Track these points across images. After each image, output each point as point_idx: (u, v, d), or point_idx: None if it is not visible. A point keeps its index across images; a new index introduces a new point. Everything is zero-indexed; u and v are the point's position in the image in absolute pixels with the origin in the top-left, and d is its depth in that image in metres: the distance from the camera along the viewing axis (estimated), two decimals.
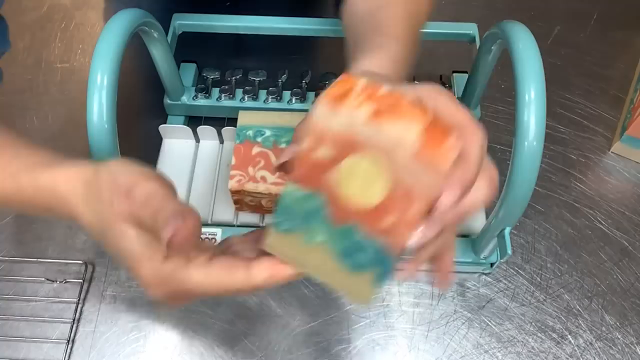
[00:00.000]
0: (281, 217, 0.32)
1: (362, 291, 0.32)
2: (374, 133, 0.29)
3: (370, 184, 0.29)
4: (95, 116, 0.45)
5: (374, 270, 0.31)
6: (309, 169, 0.30)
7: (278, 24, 0.67)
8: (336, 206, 0.30)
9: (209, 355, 0.57)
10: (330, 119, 0.29)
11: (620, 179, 0.68)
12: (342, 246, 0.31)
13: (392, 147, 0.28)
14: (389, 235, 0.30)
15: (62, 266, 0.61)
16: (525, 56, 0.44)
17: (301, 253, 0.32)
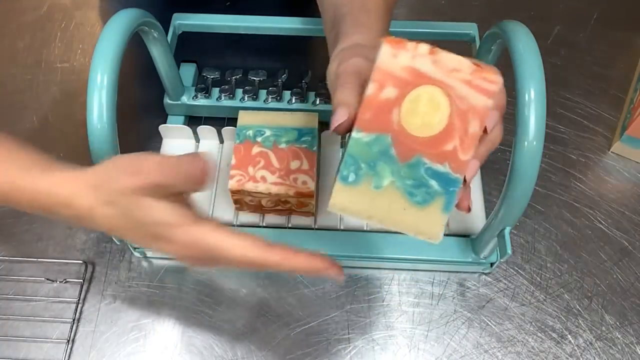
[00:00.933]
0: (347, 168, 0.34)
1: (432, 225, 0.34)
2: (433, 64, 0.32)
3: (432, 114, 0.32)
4: (95, 116, 0.45)
5: (441, 199, 0.33)
6: (374, 112, 0.33)
7: (278, 24, 0.67)
8: (401, 142, 0.33)
9: (209, 355, 0.57)
10: (393, 59, 0.32)
11: (620, 179, 0.68)
12: (411, 181, 0.33)
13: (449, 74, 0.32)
14: (452, 159, 0.33)
15: (62, 266, 0.61)
16: (525, 56, 0.44)
17: (369, 202, 0.34)
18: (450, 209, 0.34)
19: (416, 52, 0.32)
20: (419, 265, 0.61)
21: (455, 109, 0.32)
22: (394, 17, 0.80)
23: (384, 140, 0.33)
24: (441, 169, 0.33)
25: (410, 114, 0.33)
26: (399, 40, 0.32)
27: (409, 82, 0.32)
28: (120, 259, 0.62)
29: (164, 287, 0.60)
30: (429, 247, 0.59)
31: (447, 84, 0.32)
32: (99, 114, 0.45)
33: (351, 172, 0.34)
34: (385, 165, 0.34)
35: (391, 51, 0.32)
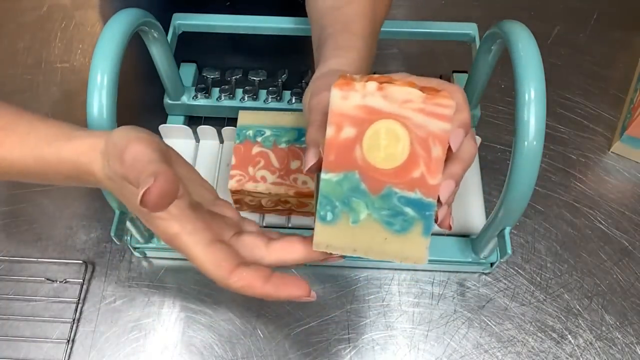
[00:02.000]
0: (324, 209, 0.35)
1: (415, 250, 0.35)
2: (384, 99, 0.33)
3: (393, 145, 0.34)
4: (95, 116, 0.45)
5: (419, 223, 0.34)
6: (337, 153, 0.34)
7: (278, 24, 0.67)
8: (370, 176, 0.34)
9: (209, 355, 0.57)
10: (345, 101, 0.33)
11: (620, 179, 0.68)
12: (386, 211, 0.35)
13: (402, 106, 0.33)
14: (422, 185, 0.34)
15: (62, 266, 0.61)
16: (525, 56, 0.44)
17: (351, 237, 0.35)
18: (429, 233, 0.35)
19: (365, 90, 0.33)
20: (419, 265, 0.61)
21: (415, 138, 0.33)
22: (394, 17, 0.81)
23: (352, 177, 0.34)
24: (413, 196, 0.34)
25: (372, 149, 0.34)
26: (348, 82, 0.33)
27: (364, 120, 0.33)
28: (120, 259, 0.62)
29: (164, 287, 0.60)
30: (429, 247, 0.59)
31: (402, 116, 0.33)
32: (99, 113, 0.45)
33: (328, 211, 0.35)
34: (359, 200, 0.35)
35: (341, 94, 0.33)
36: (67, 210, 0.65)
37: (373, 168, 0.34)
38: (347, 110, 0.34)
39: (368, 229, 0.35)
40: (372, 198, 0.35)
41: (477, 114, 0.68)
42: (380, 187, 0.35)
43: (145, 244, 0.59)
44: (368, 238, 0.36)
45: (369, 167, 0.34)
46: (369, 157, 0.34)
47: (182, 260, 0.62)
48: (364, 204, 0.35)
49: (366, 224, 0.35)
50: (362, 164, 0.34)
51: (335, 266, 0.61)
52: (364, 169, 0.34)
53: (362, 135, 0.34)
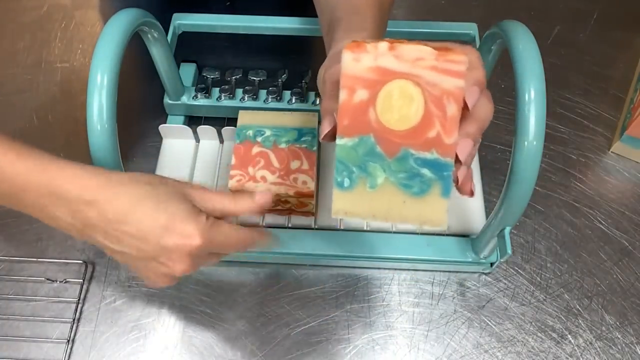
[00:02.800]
0: (340, 175, 0.35)
1: (435, 213, 0.35)
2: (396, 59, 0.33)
3: (407, 106, 0.33)
4: (95, 116, 0.45)
5: (437, 185, 0.34)
6: (351, 117, 0.33)
7: (278, 24, 0.67)
8: (385, 139, 0.34)
9: (209, 355, 0.57)
10: (357, 64, 0.33)
11: (620, 179, 0.68)
12: (403, 174, 0.34)
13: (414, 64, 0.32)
14: (438, 145, 0.33)
15: (62, 266, 0.61)
16: (525, 56, 0.44)
17: (369, 202, 0.35)
18: (448, 193, 0.34)
19: (377, 51, 0.33)
20: (419, 265, 0.61)
21: (429, 97, 0.33)
22: (394, 17, 0.80)
23: (367, 140, 0.34)
24: (429, 157, 0.34)
25: (386, 111, 0.33)
26: (359, 44, 0.33)
27: (377, 81, 0.33)
28: None
29: (164, 288, 0.60)
30: (429, 247, 0.59)
31: (414, 75, 0.33)
32: (99, 113, 0.45)
33: (345, 177, 0.35)
34: (376, 164, 0.34)
35: (353, 56, 0.33)
36: None
37: (388, 130, 0.34)
38: (360, 73, 0.33)
39: (386, 194, 0.35)
40: (388, 161, 0.34)
41: None
42: (396, 149, 0.34)
43: None
44: (386, 202, 0.35)
45: (383, 129, 0.34)
46: (383, 119, 0.34)
47: None
48: (381, 168, 0.34)
49: (384, 188, 0.35)
50: (377, 127, 0.34)
51: (335, 266, 0.61)
52: (379, 132, 0.34)
53: (375, 97, 0.33)
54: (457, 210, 0.61)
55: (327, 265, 0.61)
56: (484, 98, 0.37)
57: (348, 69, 0.33)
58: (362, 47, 0.33)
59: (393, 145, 0.34)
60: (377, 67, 0.33)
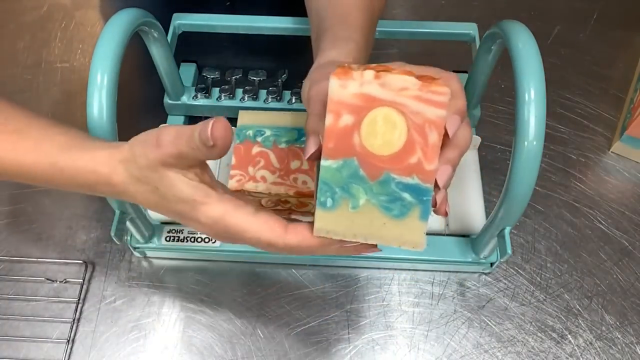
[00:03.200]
0: (324, 195, 0.36)
1: (413, 235, 0.36)
2: (381, 87, 0.34)
3: (390, 132, 0.34)
4: (96, 116, 0.45)
5: (417, 208, 0.35)
6: (336, 140, 0.35)
7: (278, 24, 0.67)
8: (368, 163, 0.35)
9: (209, 355, 0.57)
10: (343, 90, 0.34)
11: (620, 179, 0.68)
12: (384, 197, 0.35)
13: (399, 94, 0.34)
14: (419, 171, 0.35)
15: (62, 266, 0.61)
16: (525, 56, 0.44)
17: (350, 223, 0.36)
18: (426, 217, 0.36)
19: (363, 79, 0.34)
20: (419, 265, 0.61)
21: (411, 124, 0.34)
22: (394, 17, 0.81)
23: (351, 163, 0.35)
24: (410, 181, 0.35)
25: (370, 136, 0.35)
26: (346, 71, 0.34)
27: (362, 107, 0.34)
28: (120, 259, 0.62)
29: (164, 287, 0.60)
30: (428, 247, 0.59)
31: (398, 103, 0.34)
32: (99, 113, 0.45)
33: (328, 197, 0.36)
34: (358, 186, 0.36)
35: (339, 82, 0.34)
36: (67, 210, 0.65)
37: (371, 154, 0.35)
38: (346, 99, 0.34)
39: (367, 215, 0.36)
40: (370, 184, 0.35)
41: (477, 114, 0.68)
42: (379, 173, 0.35)
43: (145, 244, 0.59)
44: (367, 223, 0.36)
45: (367, 153, 0.35)
46: (367, 144, 0.35)
47: (182, 260, 0.62)
48: (363, 190, 0.36)
49: (365, 209, 0.36)
50: (361, 151, 0.35)
51: (335, 266, 0.61)
52: (363, 156, 0.35)
53: (360, 122, 0.35)
54: (457, 210, 0.61)
55: (327, 265, 0.61)
56: (464, 125, 0.38)
57: (334, 95, 0.34)
58: (348, 74, 0.34)
59: (376, 169, 0.35)
60: (362, 94, 0.34)
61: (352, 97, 0.34)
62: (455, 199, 0.62)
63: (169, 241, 0.59)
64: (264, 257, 0.61)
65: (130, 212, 0.52)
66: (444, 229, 0.61)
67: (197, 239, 0.59)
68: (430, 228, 0.60)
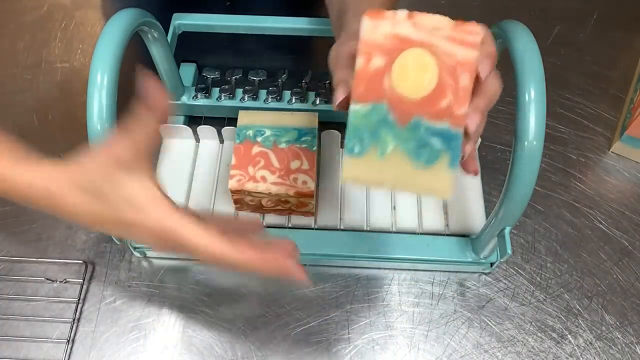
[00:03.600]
0: (351, 141, 0.35)
1: (441, 183, 0.35)
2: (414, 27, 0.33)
3: (422, 75, 0.33)
4: (96, 116, 0.45)
5: (446, 155, 0.34)
6: (366, 84, 0.34)
7: (278, 24, 0.67)
8: (398, 107, 0.34)
9: (209, 355, 0.57)
10: (375, 30, 0.33)
11: (620, 179, 0.68)
12: (413, 142, 0.34)
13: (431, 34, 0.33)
14: (449, 115, 0.34)
15: (62, 266, 0.61)
16: (525, 56, 0.44)
17: (378, 169, 0.35)
18: (456, 164, 0.35)
19: (395, 19, 0.33)
20: (419, 265, 0.61)
21: (443, 66, 0.33)
22: None
23: (380, 108, 0.35)
24: (440, 126, 0.34)
25: (400, 79, 0.34)
26: (379, 11, 0.34)
27: (394, 49, 0.34)
28: (120, 259, 0.62)
29: (164, 287, 0.60)
30: (429, 247, 0.59)
31: (430, 44, 0.33)
32: (99, 113, 0.45)
33: (356, 143, 0.35)
34: (387, 132, 0.35)
35: (372, 23, 0.33)
36: None
37: (401, 98, 0.34)
38: (377, 40, 0.34)
39: (395, 161, 0.35)
40: (399, 130, 0.35)
41: None
42: (408, 117, 0.34)
43: None
44: (395, 170, 0.36)
45: (397, 97, 0.34)
46: (397, 87, 0.34)
47: (182, 260, 0.62)
48: (392, 136, 0.35)
49: (393, 156, 0.35)
50: (391, 94, 0.34)
51: (335, 266, 0.61)
52: (392, 100, 0.34)
53: (391, 64, 0.34)
54: (457, 210, 0.61)
55: (327, 265, 0.61)
56: (494, 75, 0.38)
57: (366, 36, 0.34)
58: (381, 15, 0.33)
59: (405, 113, 0.34)
60: (394, 34, 0.33)
61: (384, 38, 0.34)
62: (455, 199, 0.62)
63: None
64: None
65: None
66: (444, 229, 0.61)
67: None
68: (430, 228, 0.61)
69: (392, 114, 0.35)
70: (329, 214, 0.61)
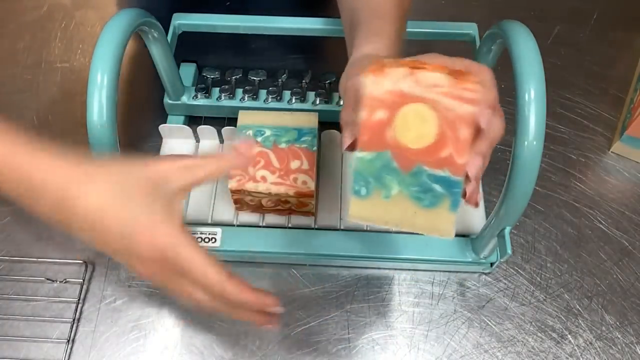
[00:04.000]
0: (357, 184, 0.38)
1: (443, 224, 0.37)
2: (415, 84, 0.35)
3: (423, 126, 0.35)
4: (96, 116, 0.45)
5: (447, 199, 0.36)
6: (370, 134, 0.36)
7: (278, 23, 0.67)
8: (401, 155, 0.36)
9: (209, 355, 0.57)
10: (378, 86, 0.35)
11: (620, 179, 0.68)
12: (416, 188, 0.37)
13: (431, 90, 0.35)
14: (450, 164, 0.36)
15: (62, 266, 0.61)
16: (525, 56, 0.44)
17: (382, 210, 0.38)
18: (456, 208, 0.37)
19: (396, 76, 0.35)
20: (419, 265, 0.61)
21: (443, 120, 0.35)
22: None
23: (384, 156, 0.37)
24: (441, 174, 0.36)
25: (403, 130, 0.36)
26: (380, 68, 0.35)
27: (396, 103, 0.36)
28: None
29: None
30: (429, 247, 0.59)
31: (431, 99, 0.35)
32: (99, 114, 0.45)
33: (362, 186, 0.38)
34: (391, 177, 0.37)
35: (373, 79, 0.36)
36: None
37: (404, 147, 0.36)
38: (379, 95, 0.36)
39: (399, 204, 0.38)
40: (402, 175, 0.37)
41: None
42: (411, 165, 0.36)
43: None
44: (399, 212, 0.38)
45: (400, 146, 0.36)
46: (400, 138, 0.36)
47: None
48: (395, 181, 0.37)
49: (397, 199, 0.37)
50: (394, 144, 0.36)
51: (335, 266, 0.61)
52: (395, 149, 0.36)
53: (394, 117, 0.36)
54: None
55: (327, 265, 0.61)
56: (495, 117, 0.39)
57: (368, 91, 0.36)
58: (382, 72, 0.35)
59: (408, 161, 0.37)
60: (396, 90, 0.35)
61: (385, 93, 0.35)
62: None
63: None
64: (264, 257, 0.61)
65: None
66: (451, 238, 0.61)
67: (197, 239, 0.59)
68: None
69: (396, 162, 0.37)
70: (329, 214, 0.61)
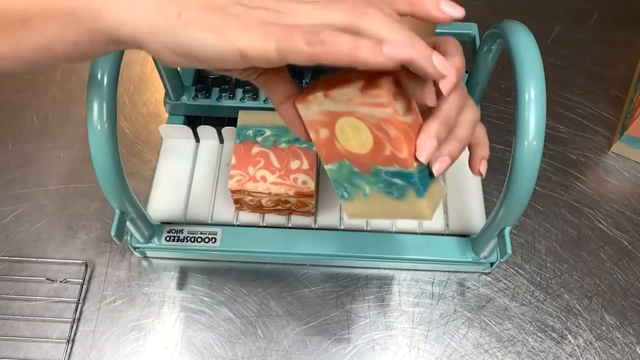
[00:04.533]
0: (339, 190, 0.41)
1: (419, 210, 0.39)
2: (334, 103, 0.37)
3: (360, 134, 0.38)
4: (96, 116, 0.45)
5: (411, 189, 0.38)
6: (325, 149, 0.40)
7: None
8: (356, 161, 0.39)
9: (209, 355, 0.57)
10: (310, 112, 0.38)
11: (620, 179, 0.68)
12: (381, 185, 0.39)
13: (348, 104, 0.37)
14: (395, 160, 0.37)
15: (62, 266, 0.61)
16: (525, 56, 0.44)
17: (368, 207, 0.41)
18: (422, 194, 0.38)
19: (318, 100, 0.37)
20: (419, 265, 0.61)
21: (371, 125, 0.37)
22: None
23: (345, 163, 0.40)
24: (394, 169, 0.38)
25: (346, 141, 0.39)
26: (304, 97, 0.38)
27: (329, 121, 0.38)
28: (120, 259, 0.62)
29: (164, 287, 0.60)
30: (428, 247, 0.59)
31: (352, 111, 0.37)
32: (99, 114, 0.45)
33: (343, 191, 0.41)
34: (359, 180, 0.40)
35: (304, 107, 0.38)
36: (67, 210, 0.65)
37: (354, 154, 0.39)
38: (314, 118, 0.39)
39: (377, 200, 0.40)
40: (366, 177, 0.40)
41: None
42: (367, 167, 0.39)
43: (145, 244, 0.59)
44: (380, 206, 0.41)
45: (351, 154, 0.39)
46: (347, 147, 0.39)
47: (183, 260, 0.62)
48: (364, 182, 0.40)
49: (373, 196, 0.40)
50: (345, 154, 0.39)
51: (335, 266, 0.61)
52: (350, 156, 0.39)
53: (334, 132, 0.39)
54: (457, 210, 0.61)
55: (327, 265, 0.61)
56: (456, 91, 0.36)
57: (305, 116, 0.39)
58: (306, 100, 0.38)
59: (363, 165, 0.39)
60: (323, 111, 0.38)
61: (318, 116, 0.38)
62: (455, 199, 0.62)
63: (169, 241, 0.59)
64: (264, 257, 0.61)
65: (130, 211, 0.52)
66: (444, 229, 0.61)
67: (197, 239, 0.59)
68: (430, 228, 0.61)
69: (355, 167, 0.39)
70: (329, 214, 0.61)
